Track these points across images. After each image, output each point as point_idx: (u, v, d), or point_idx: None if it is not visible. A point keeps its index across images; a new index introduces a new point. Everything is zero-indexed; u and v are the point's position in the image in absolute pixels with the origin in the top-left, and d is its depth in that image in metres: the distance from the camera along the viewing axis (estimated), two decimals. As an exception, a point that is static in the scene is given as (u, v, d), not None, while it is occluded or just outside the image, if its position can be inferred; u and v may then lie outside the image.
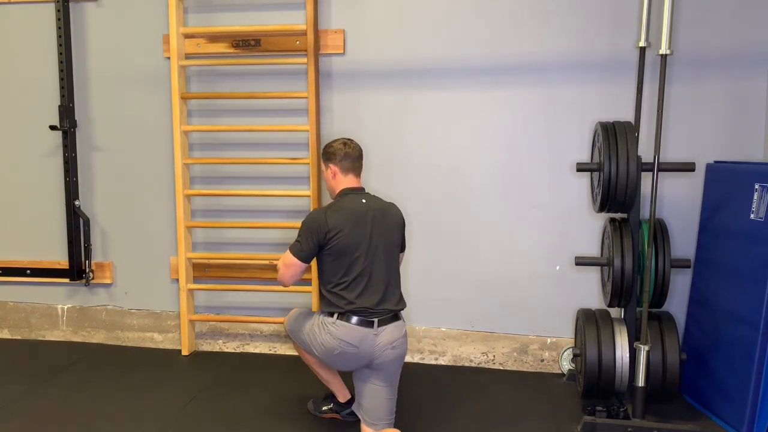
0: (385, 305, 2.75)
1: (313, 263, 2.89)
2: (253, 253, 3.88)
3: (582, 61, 3.49)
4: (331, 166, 2.88)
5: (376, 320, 2.71)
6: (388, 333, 2.72)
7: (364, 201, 2.83)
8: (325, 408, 3.09)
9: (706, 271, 3.25)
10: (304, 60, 3.63)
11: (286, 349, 3.94)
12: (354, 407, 2.89)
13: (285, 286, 2.88)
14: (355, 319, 2.70)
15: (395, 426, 2.81)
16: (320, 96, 3.70)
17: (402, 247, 2.97)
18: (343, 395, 3.06)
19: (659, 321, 3.05)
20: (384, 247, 2.78)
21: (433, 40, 3.62)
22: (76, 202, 3.97)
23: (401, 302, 2.84)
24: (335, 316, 2.73)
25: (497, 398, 3.31)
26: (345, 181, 2.87)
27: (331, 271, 2.75)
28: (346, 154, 2.86)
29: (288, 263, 2.79)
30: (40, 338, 4.18)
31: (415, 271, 3.72)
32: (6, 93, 4.05)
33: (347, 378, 3.02)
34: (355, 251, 2.72)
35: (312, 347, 2.82)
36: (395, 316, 2.79)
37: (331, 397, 3.10)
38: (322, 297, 2.83)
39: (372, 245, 2.75)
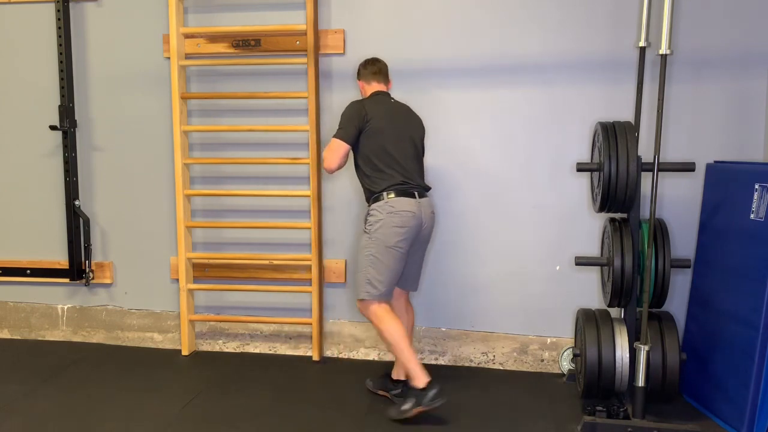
0: (418, 182, 3.14)
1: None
2: (253, 253, 3.88)
3: (582, 61, 3.49)
4: (360, 81, 3.32)
5: (415, 192, 3.09)
6: (425, 203, 3.14)
7: (392, 100, 3.26)
8: (407, 407, 2.93)
9: (706, 271, 3.25)
10: (304, 60, 3.63)
11: (286, 349, 3.94)
12: (401, 288, 3.21)
13: (331, 171, 3.15)
14: (400, 192, 3.05)
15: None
16: (320, 96, 3.70)
17: (423, 151, 3.32)
18: (422, 378, 2.94)
19: (659, 321, 3.05)
20: (411, 139, 3.18)
21: (433, 40, 3.62)
22: (76, 202, 3.97)
23: (427, 185, 3.23)
24: (385, 194, 3.04)
25: (497, 398, 3.31)
26: (371, 88, 3.27)
27: (372, 151, 3.08)
28: (369, 68, 3.27)
29: (334, 148, 3.10)
30: (40, 338, 4.18)
31: (415, 271, 3.73)
32: (6, 93, 4.05)
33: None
34: (390, 134, 3.09)
35: (385, 247, 3.00)
36: (426, 191, 3.18)
37: (407, 389, 3.00)
38: (366, 178, 3.13)
39: (403, 133, 3.15)
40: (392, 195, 3.03)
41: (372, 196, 3.10)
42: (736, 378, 2.92)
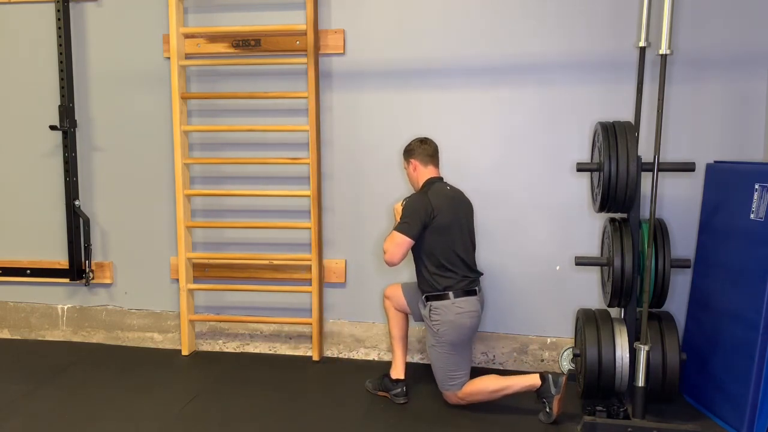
0: (476, 275, 3.18)
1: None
2: (253, 253, 3.88)
3: (582, 61, 3.49)
4: (412, 161, 3.23)
5: (476, 288, 3.14)
6: (482, 295, 3.20)
7: (448, 188, 3.23)
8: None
9: (706, 271, 3.25)
10: (304, 60, 3.63)
11: (285, 349, 3.94)
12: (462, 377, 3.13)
13: (394, 264, 3.09)
14: (465, 292, 3.08)
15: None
16: (320, 96, 3.70)
17: None
18: (530, 382, 3.05)
19: (659, 321, 3.05)
20: (468, 229, 3.19)
21: (433, 40, 3.62)
22: (76, 202, 3.97)
23: (481, 272, 3.27)
24: (452, 294, 3.05)
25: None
26: (426, 172, 3.22)
27: (438, 250, 3.07)
28: (424, 149, 3.22)
29: (399, 242, 3.05)
30: (40, 338, 4.18)
31: (414, 271, 3.72)
32: (6, 93, 4.05)
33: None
34: (452, 229, 3.09)
35: (454, 345, 3.06)
36: (480, 281, 3.22)
37: (539, 397, 3.06)
38: (427, 273, 3.10)
39: (462, 224, 3.15)
40: (458, 296, 3.05)
41: (433, 292, 3.09)
42: (736, 378, 2.92)
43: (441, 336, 3.06)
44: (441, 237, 3.07)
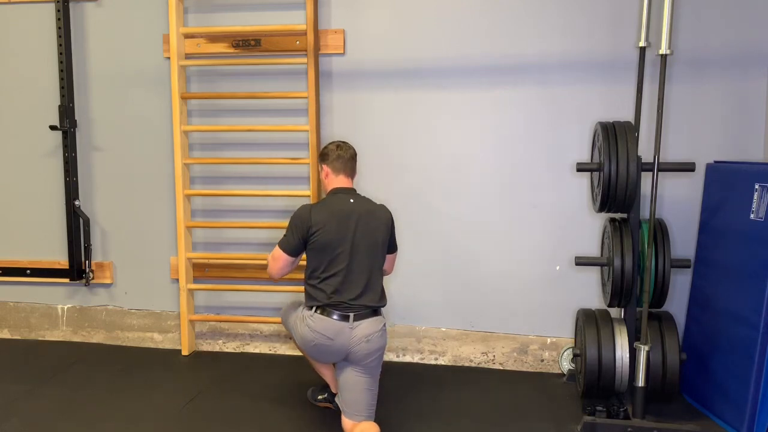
0: (362, 301, 2.82)
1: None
2: (253, 253, 3.88)
3: (582, 61, 3.49)
4: (324, 166, 3.01)
5: (352, 315, 2.79)
6: (364, 327, 2.80)
7: (351, 201, 2.92)
8: (320, 397, 3.18)
9: (706, 271, 3.25)
10: (304, 60, 3.63)
11: (286, 349, 3.94)
12: (336, 399, 3.00)
13: (273, 279, 3.02)
14: (331, 312, 2.80)
15: (377, 421, 2.85)
16: (320, 96, 3.70)
17: (391, 248, 3.04)
18: (335, 386, 3.12)
19: (659, 321, 3.05)
20: (367, 247, 2.86)
21: (433, 40, 3.62)
22: (76, 202, 3.97)
23: (381, 300, 2.91)
24: (314, 309, 2.83)
25: (497, 398, 3.31)
26: (336, 181, 2.99)
27: (314, 265, 2.86)
28: (338, 156, 2.97)
29: (275, 256, 2.93)
30: (40, 338, 4.18)
31: (414, 271, 3.72)
32: (6, 93, 4.05)
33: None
34: (336, 247, 2.82)
35: (295, 337, 2.97)
36: (374, 312, 2.86)
37: (327, 387, 3.17)
38: (305, 291, 2.94)
39: (355, 243, 2.83)
40: (316, 312, 2.81)
41: (307, 302, 2.90)
42: (736, 378, 2.92)
43: (297, 328, 2.89)
44: (321, 255, 2.82)
